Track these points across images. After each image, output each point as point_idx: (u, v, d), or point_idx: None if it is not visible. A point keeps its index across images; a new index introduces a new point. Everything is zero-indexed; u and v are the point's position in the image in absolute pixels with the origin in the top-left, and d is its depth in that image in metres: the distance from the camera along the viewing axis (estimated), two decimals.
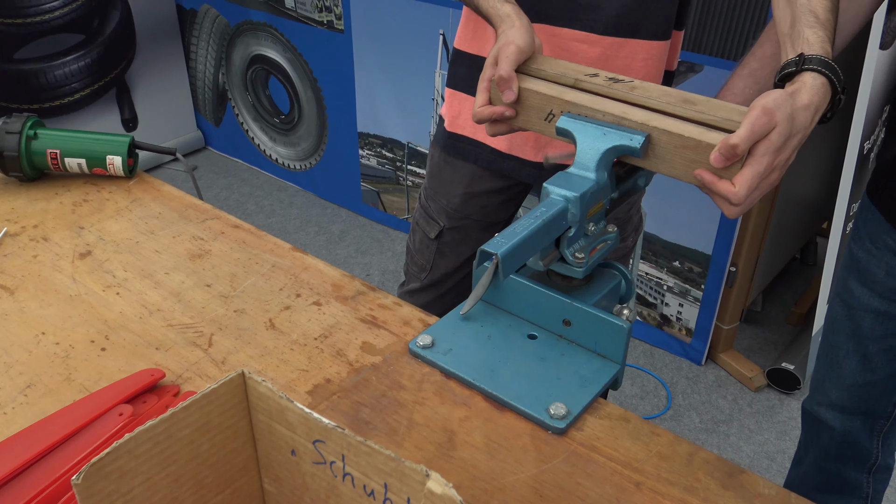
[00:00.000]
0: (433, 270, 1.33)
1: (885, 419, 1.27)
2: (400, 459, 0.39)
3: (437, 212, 1.30)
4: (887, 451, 1.32)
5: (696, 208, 2.06)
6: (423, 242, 1.34)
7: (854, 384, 1.25)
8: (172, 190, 1.19)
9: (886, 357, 1.20)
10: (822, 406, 1.32)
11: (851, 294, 1.20)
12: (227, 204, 3.07)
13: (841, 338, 1.23)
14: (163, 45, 3.19)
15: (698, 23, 1.86)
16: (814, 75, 0.78)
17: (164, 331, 0.89)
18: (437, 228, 1.30)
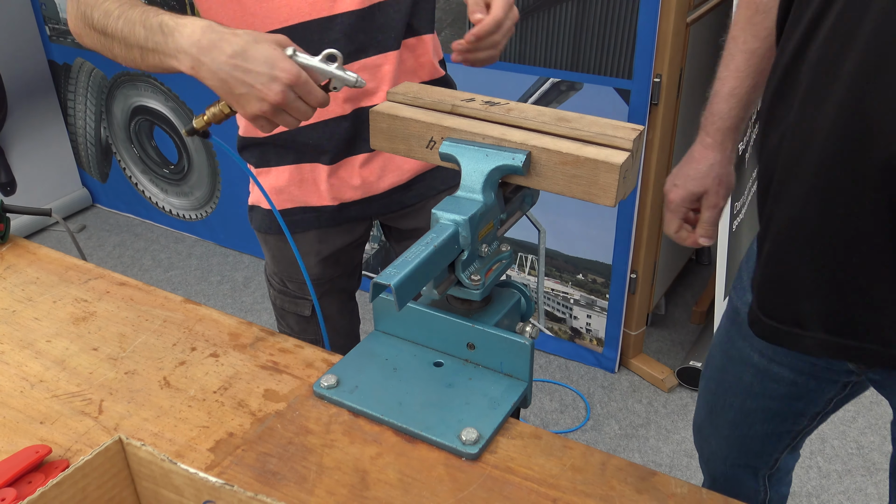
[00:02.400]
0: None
1: (767, 468, 1.19)
2: None
3: (300, 289, 1.25)
4: (776, 485, 1.25)
5: (593, 221, 2.12)
6: (300, 323, 1.29)
7: (731, 435, 1.16)
8: (50, 252, 1.12)
9: (763, 416, 1.10)
10: (705, 453, 1.25)
11: (733, 345, 1.09)
12: (122, 261, 2.94)
13: (722, 387, 1.14)
14: (37, 103, 3.05)
15: (573, 42, 1.93)
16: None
17: (49, 402, 0.83)
18: (308, 305, 1.26)
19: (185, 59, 0.85)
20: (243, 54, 0.83)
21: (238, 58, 0.83)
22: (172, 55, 0.87)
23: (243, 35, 0.84)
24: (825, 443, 2.03)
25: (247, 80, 0.83)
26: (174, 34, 0.86)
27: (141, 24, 0.88)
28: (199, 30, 0.85)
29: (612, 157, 0.79)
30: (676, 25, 1.82)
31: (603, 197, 0.81)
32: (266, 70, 0.83)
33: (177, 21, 0.87)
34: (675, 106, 1.99)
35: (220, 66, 0.83)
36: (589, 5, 1.87)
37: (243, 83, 0.84)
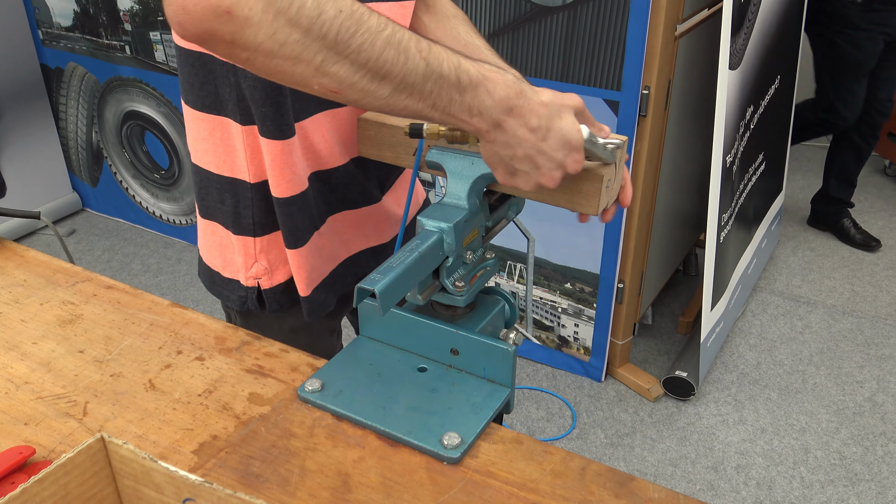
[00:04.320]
0: None
1: None
2: None
3: None
4: None
5: (581, 230, 2.13)
6: None
7: None
8: (38, 255, 1.13)
9: None
10: None
11: None
12: (111, 266, 2.93)
13: None
14: (29, 107, 3.05)
15: (563, 53, 1.95)
16: None
17: (34, 404, 0.83)
18: None
19: (483, 122, 0.72)
20: (546, 131, 0.73)
21: (539, 134, 0.73)
22: (465, 113, 0.71)
23: (548, 104, 0.73)
24: (808, 453, 2.05)
25: (536, 161, 0.74)
26: (478, 91, 0.70)
27: (420, 55, 0.68)
28: (513, 93, 0.71)
29: (595, 167, 0.80)
30: (665, 38, 1.85)
31: (586, 205, 0.83)
32: (560, 157, 0.74)
33: (481, 71, 0.71)
34: (664, 117, 2.01)
35: (518, 139, 0.73)
36: (579, 17, 1.89)
37: (530, 162, 0.74)
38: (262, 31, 0.62)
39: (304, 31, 0.63)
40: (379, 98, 0.69)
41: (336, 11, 0.63)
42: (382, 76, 0.67)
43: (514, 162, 0.75)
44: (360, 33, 0.64)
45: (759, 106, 2.33)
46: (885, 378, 2.33)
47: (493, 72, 0.72)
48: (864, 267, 2.89)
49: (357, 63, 0.66)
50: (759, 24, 2.14)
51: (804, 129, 2.98)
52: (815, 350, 2.45)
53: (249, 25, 0.61)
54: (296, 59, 0.64)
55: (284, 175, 0.94)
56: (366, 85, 0.67)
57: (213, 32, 0.62)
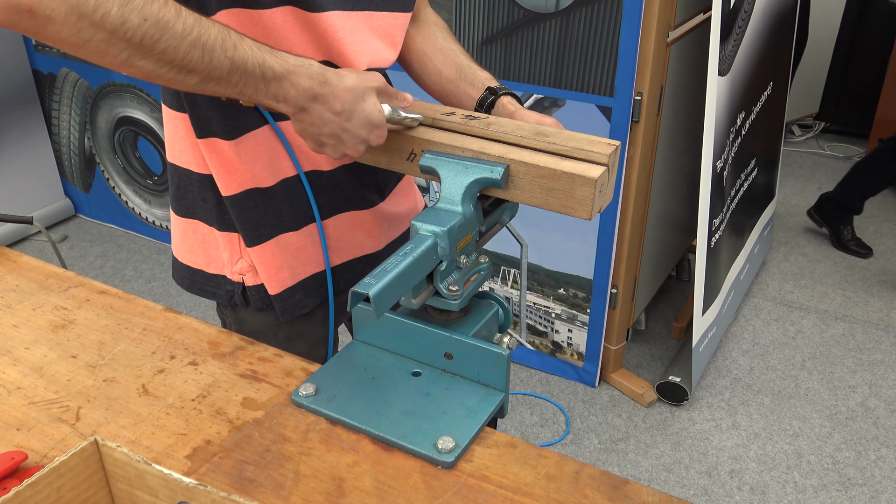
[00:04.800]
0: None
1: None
2: None
3: None
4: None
5: (574, 236, 2.14)
6: None
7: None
8: (31, 260, 1.12)
9: None
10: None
11: None
12: (103, 272, 2.92)
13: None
14: (21, 113, 3.04)
15: (557, 60, 1.96)
16: (509, 98, 1.00)
17: (26, 409, 0.83)
18: None
19: (288, 107, 0.81)
20: (349, 113, 0.82)
21: (343, 116, 0.82)
22: (271, 100, 0.80)
23: (352, 88, 0.82)
24: (801, 458, 2.06)
25: (342, 137, 0.83)
26: (283, 83, 0.79)
27: (225, 55, 0.75)
28: (317, 83, 0.80)
29: (588, 171, 0.81)
30: (657, 45, 1.86)
31: (579, 210, 0.83)
32: (363, 134, 0.84)
33: (284, 66, 0.79)
34: (656, 123, 2.02)
35: (324, 120, 0.82)
36: (572, 24, 1.90)
37: (336, 137, 0.84)
38: (66, 29, 0.66)
39: (108, 33, 0.68)
40: (188, 86, 0.77)
41: (140, 20, 0.69)
42: (189, 71, 0.74)
43: (321, 137, 0.84)
44: (164, 39, 0.71)
45: (751, 112, 2.35)
46: (877, 383, 2.34)
47: (300, 66, 0.80)
48: (855, 272, 2.90)
49: (162, 61, 0.72)
50: (750, 31, 2.15)
51: None
52: (807, 355, 2.46)
53: (52, 23, 0.65)
54: (101, 54, 0.69)
55: (233, 175, 0.97)
56: (173, 76, 0.74)
57: (14, 25, 0.65)
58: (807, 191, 3.46)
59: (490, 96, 1.01)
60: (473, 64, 1.07)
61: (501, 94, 1.01)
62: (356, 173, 1.03)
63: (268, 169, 0.98)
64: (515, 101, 1.01)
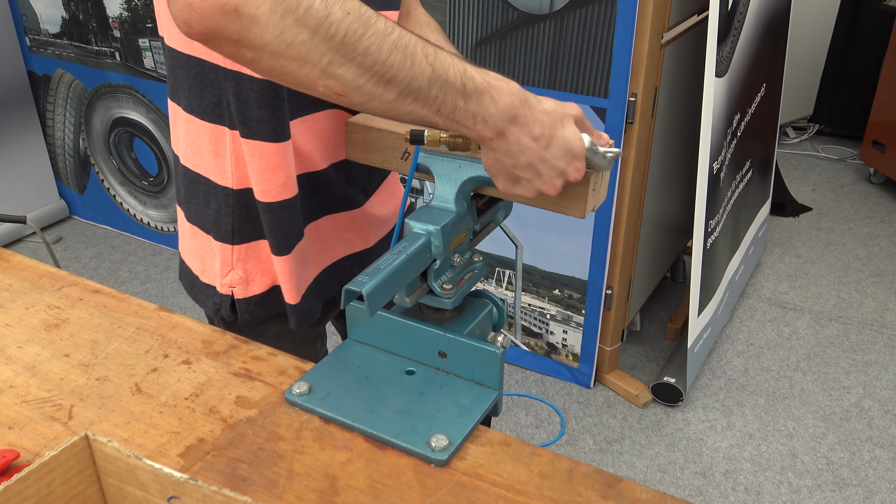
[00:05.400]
0: None
1: None
2: None
3: None
4: None
5: (569, 237, 2.14)
6: None
7: None
8: (24, 260, 1.12)
9: None
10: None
11: None
12: (98, 273, 2.92)
13: None
14: (15, 114, 3.03)
15: (551, 61, 1.97)
16: None
17: (18, 408, 0.83)
18: None
19: (487, 129, 0.72)
20: (548, 139, 0.74)
21: (542, 142, 0.74)
22: (469, 120, 0.72)
23: (551, 112, 0.74)
24: (796, 458, 2.06)
25: (538, 169, 0.75)
26: (483, 98, 0.71)
27: (426, 60, 0.68)
28: (518, 101, 0.72)
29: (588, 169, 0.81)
30: (651, 46, 1.86)
31: (573, 208, 0.83)
32: (562, 166, 0.75)
33: (486, 78, 0.72)
34: (651, 124, 2.02)
35: (522, 147, 0.73)
36: (566, 25, 1.91)
37: (533, 170, 0.75)
38: (269, 30, 0.62)
39: (311, 32, 0.62)
40: (384, 102, 0.69)
41: (344, 13, 0.64)
42: (388, 80, 0.67)
43: (516, 170, 0.76)
44: (367, 36, 0.64)
45: (746, 114, 2.35)
46: (871, 384, 2.34)
47: (498, 80, 0.72)
48: (850, 273, 2.91)
49: (363, 66, 0.65)
50: (745, 32, 2.16)
51: None
52: (802, 356, 2.47)
53: (256, 24, 0.61)
54: (302, 60, 0.64)
55: (277, 179, 0.94)
56: (371, 88, 0.67)
57: (219, 31, 0.61)
58: (801, 193, 3.47)
59: None
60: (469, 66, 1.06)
61: None
62: (346, 173, 1.03)
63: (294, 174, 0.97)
64: None
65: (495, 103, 0.71)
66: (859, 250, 3.06)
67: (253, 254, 1.00)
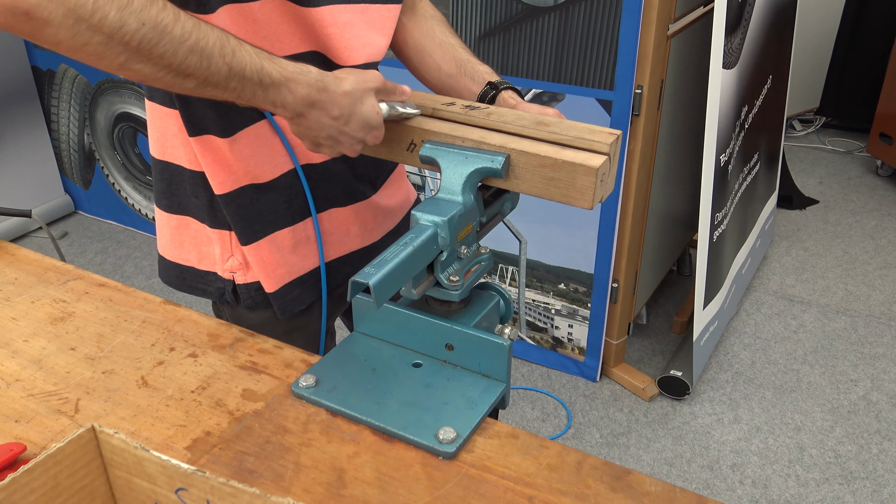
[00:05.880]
0: None
1: None
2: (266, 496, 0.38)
3: None
4: None
5: (574, 230, 2.13)
6: None
7: None
8: (30, 253, 1.12)
9: None
10: None
11: None
12: (104, 268, 2.92)
13: None
14: (20, 109, 3.03)
15: (556, 54, 1.95)
16: (510, 92, 0.99)
17: (24, 401, 0.83)
18: None
19: (286, 112, 0.82)
20: (347, 117, 0.83)
21: (341, 120, 0.83)
22: (269, 105, 0.80)
23: (350, 92, 0.82)
24: (803, 451, 2.05)
25: (339, 139, 0.84)
26: (280, 90, 0.79)
27: (223, 60, 0.74)
28: (315, 90, 0.80)
29: (590, 161, 0.80)
30: (657, 38, 1.85)
31: (580, 199, 0.83)
32: (361, 135, 0.85)
33: (283, 73, 0.79)
34: (657, 117, 2.01)
35: (322, 125, 0.83)
36: (571, 17, 1.89)
37: (333, 139, 0.84)
38: (63, 32, 0.65)
39: (106, 37, 0.67)
40: (186, 89, 0.76)
41: (138, 24, 0.68)
42: (186, 75, 0.73)
43: (318, 139, 0.85)
44: (162, 44, 0.70)
45: (754, 106, 2.34)
46: (878, 377, 2.33)
47: (298, 73, 0.80)
48: (857, 266, 2.90)
49: (160, 65, 0.71)
50: (752, 24, 2.14)
51: None
52: (809, 349, 2.46)
53: (49, 26, 0.64)
54: (98, 57, 0.68)
55: (229, 172, 0.95)
56: (171, 80, 0.74)
57: (10, 27, 0.64)
58: (808, 185, 3.45)
59: (491, 91, 1.00)
60: (473, 58, 1.06)
61: (502, 89, 1.00)
62: (350, 165, 1.03)
63: (263, 165, 0.97)
64: (517, 95, 1.00)
65: (293, 93, 0.79)
66: (866, 243, 3.04)
67: None
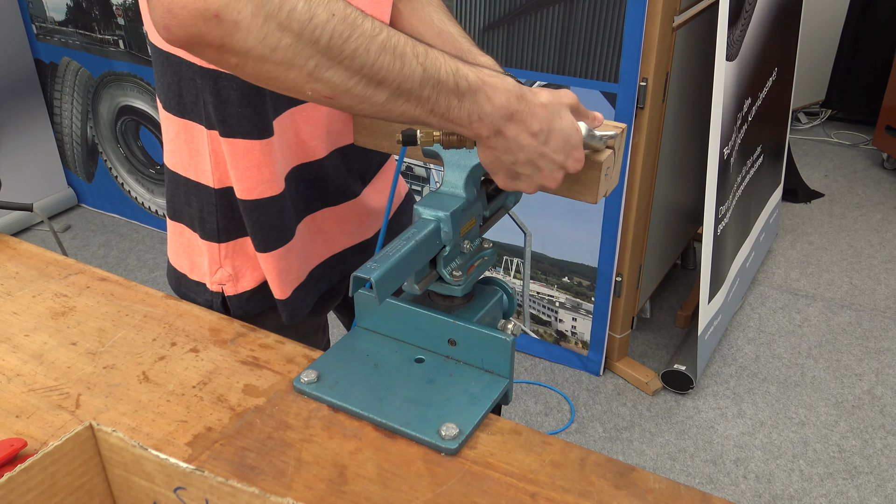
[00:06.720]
0: None
1: None
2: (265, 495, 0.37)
3: None
4: None
5: (578, 224, 2.13)
6: None
7: None
8: (31, 247, 1.11)
9: None
10: None
11: None
12: (107, 262, 2.92)
13: None
14: (23, 102, 3.03)
15: (560, 46, 1.94)
16: None
17: (25, 396, 0.82)
18: None
19: (483, 128, 0.71)
20: (547, 134, 0.73)
21: (540, 137, 0.72)
22: (464, 119, 0.70)
23: (548, 105, 0.73)
24: (807, 446, 2.05)
25: (538, 164, 0.74)
26: (478, 97, 0.69)
27: (416, 60, 0.66)
28: (514, 97, 0.70)
29: (594, 154, 0.79)
30: (663, 30, 1.84)
31: (585, 194, 0.82)
32: (561, 159, 0.74)
33: (479, 75, 0.70)
34: (661, 110, 2.00)
35: (520, 144, 0.72)
36: (576, 9, 1.88)
37: (532, 166, 0.74)
38: (252, 35, 0.60)
39: (295, 36, 0.61)
40: (375, 104, 0.67)
41: (328, 15, 0.61)
42: (378, 82, 0.65)
43: (515, 166, 0.74)
44: (353, 38, 0.63)
45: (757, 98, 2.32)
46: (883, 371, 2.32)
47: (493, 76, 0.70)
48: (862, 260, 2.88)
49: (352, 68, 0.64)
50: (756, 16, 2.13)
51: None
52: (813, 343, 2.45)
53: (239, 30, 0.59)
54: (288, 65, 0.62)
55: (262, 175, 0.92)
56: (361, 91, 0.65)
57: (200, 37, 0.60)
58: (813, 179, 3.44)
59: None
60: (475, 49, 1.02)
61: None
62: (343, 161, 1.01)
63: (281, 169, 0.95)
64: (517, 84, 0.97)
65: (491, 101, 0.70)
66: (872, 237, 3.03)
67: (240, 251, 0.99)
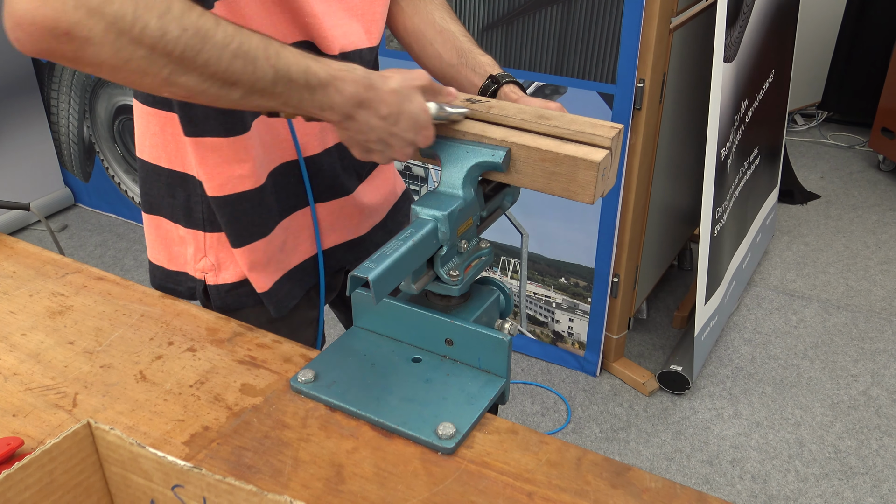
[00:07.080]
0: None
1: None
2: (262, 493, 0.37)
3: None
4: None
5: (575, 224, 2.13)
6: None
7: None
8: (28, 247, 1.11)
9: None
10: None
11: None
12: (104, 261, 2.92)
13: None
14: (20, 101, 3.02)
15: (558, 47, 1.94)
16: (512, 87, 0.97)
17: (22, 395, 0.82)
18: None
19: (334, 115, 0.77)
20: (396, 116, 0.78)
21: (389, 120, 0.78)
22: (316, 109, 0.76)
23: (398, 90, 0.78)
24: (803, 447, 2.05)
25: (389, 142, 0.80)
26: (328, 90, 0.75)
27: (268, 63, 0.71)
28: (362, 87, 0.76)
29: (591, 155, 0.79)
30: (660, 31, 1.84)
31: (581, 194, 0.82)
32: (410, 136, 0.80)
33: (329, 71, 0.75)
34: (658, 111, 2.00)
35: (371, 127, 0.78)
36: (573, 10, 1.88)
37: (383, 143, 0.80)
38: (105, 49, 0.62)
39: (148, 49, 0.64)
40: (231, 101, 0.72)
41: (180, 31, 0.65)
42: (232, 83, 0.70)
43: (368, 144, 0.81)
44: (205, 49, 0.67)
45: (755, 100, 2.33)
46: (879, 372, 2.33)
47: (342, 70, 0.76)
48: (858, 261, 2.89)
49: (205, 74, 0.68)
50: (754, 17, 2.13)
51: None
52: (809, 344, 2.45)
53: (91, 45, 0.61)
54: (142, 73, 0.65)
55: (232, 172, 0.93)
56: (216, 91, 0.70)
57: (52, 51, 0.62)
58: (809, 180, 3.45)
59: (492, 85, 0.99)
60: (475, 48, 1.04)
61: (504, 83, 0.98)
62: (338, 157, 1.02)
63: (261, 164, 0.95)
64: (518, 89, 0.98)
65: (340, 93, 0.76)
66: (868, 238, 3.03)
67: (224, 243, 0.99)
